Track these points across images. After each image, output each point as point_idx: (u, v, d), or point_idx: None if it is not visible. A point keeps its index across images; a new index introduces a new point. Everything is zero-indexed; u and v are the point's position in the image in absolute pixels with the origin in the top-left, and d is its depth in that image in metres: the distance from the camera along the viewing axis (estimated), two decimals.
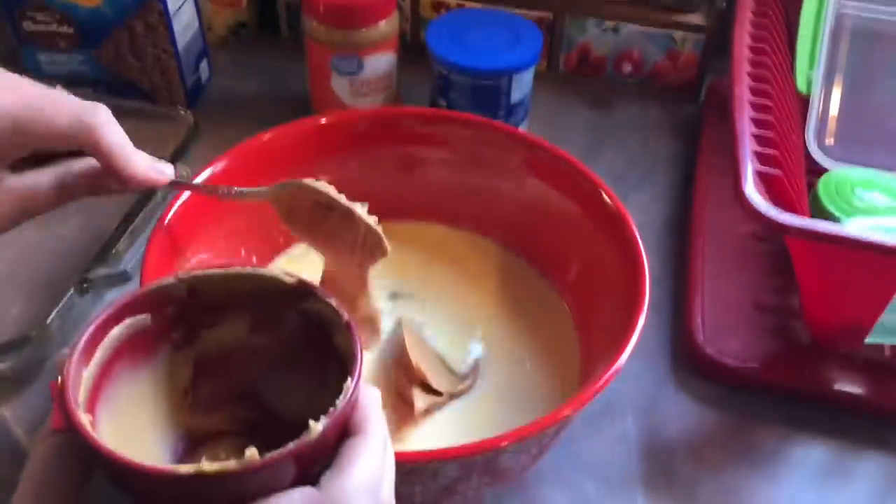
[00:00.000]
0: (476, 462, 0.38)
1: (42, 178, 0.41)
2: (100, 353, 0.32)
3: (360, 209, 0.40)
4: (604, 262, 0.48)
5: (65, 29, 0.69)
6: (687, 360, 0.57)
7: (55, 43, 0.70)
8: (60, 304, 0.54)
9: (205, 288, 0.34)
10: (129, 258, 0.57)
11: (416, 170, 0.56)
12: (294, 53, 0.74)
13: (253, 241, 0.53)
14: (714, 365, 0.55)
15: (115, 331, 0.32)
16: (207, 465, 0.27)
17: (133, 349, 0.33)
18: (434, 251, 0.56)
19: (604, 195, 0.49)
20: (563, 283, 0.53)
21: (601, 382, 0.39)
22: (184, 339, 0.35)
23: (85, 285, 0.55)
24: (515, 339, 0.51)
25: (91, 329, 0.31)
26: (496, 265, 0.56)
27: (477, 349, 0.51)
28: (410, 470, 0.37)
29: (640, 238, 0.46)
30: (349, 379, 0.30)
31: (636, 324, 0.41)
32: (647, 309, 0.42)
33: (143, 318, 0.33)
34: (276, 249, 0.55)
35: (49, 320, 0.53)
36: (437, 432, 0.46)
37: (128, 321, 0.33)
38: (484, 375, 0.49)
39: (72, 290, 0.55)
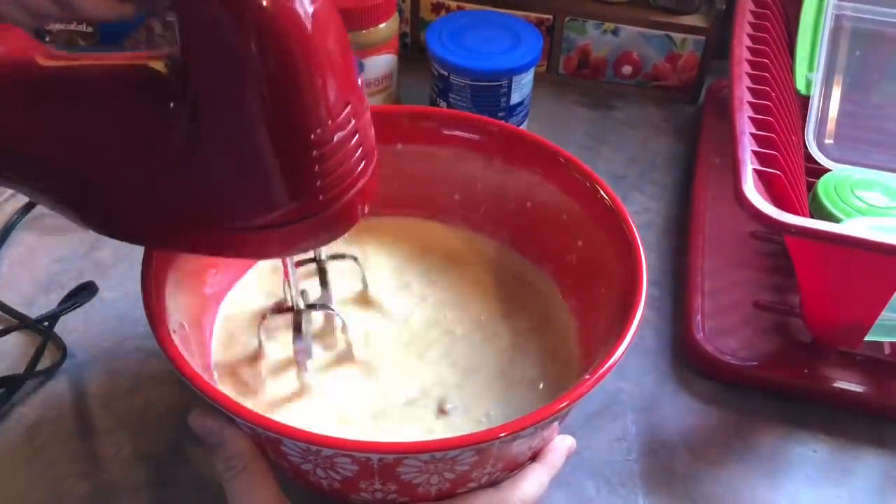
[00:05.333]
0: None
1: None
2: None
3: None
4: (603, 259, 0.48)
5: (84, 28, 0.69)
6: (686, 358, 0.57)
7: (74, 41, 0.70)
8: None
9: None
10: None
11: (415, 167, 0.56)
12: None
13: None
14: (713, 363, 0.55)
15: None
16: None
17: None
18: (431, 248, 0.56)
19: (601, 192, 0.49)
20: (563, 280, 0.53)
21: (598, 375, 0.39)
22: None
23: None
24: (516, 335, 0.51)
25: None
26: (495, 261, 0.56)
27: None
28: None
29: (640, 236, 0.46)
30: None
31: (633, 319, 0.41)
32: (644, 304, 0.42)
33: None
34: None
35: None
36: (440, 426, 0.46)
37: None
38: (485, 371, 0.49)
39: None
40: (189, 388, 0.38)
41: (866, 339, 0.52)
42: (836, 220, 0.54)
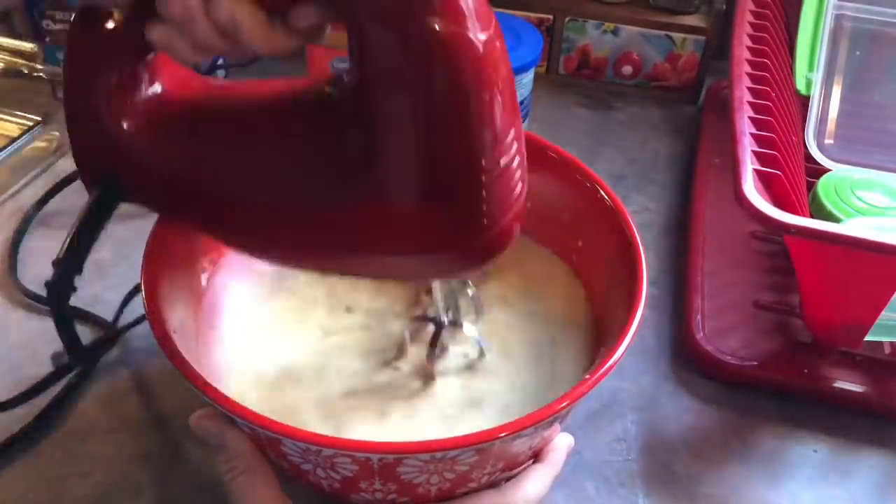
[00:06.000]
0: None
1: None
2: None
3: None
4: (605, 258, 0.48)
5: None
6: (686, 358, 0.57)
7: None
8: None
9: None
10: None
11: None
12: (295, 56, 0.74)
13: None
14: (713, 363, 0.55)
15: None
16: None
17: None
18: None
19: (601, 192, 0.49)
20: (579, 275, 0.53)
21: (598, 375, 0.39)
22: None
23: None
24: (530, 331, 0.51)
25: None
26: (519, 251, 0.55)
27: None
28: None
29: (639, 236, 0.46)
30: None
31: (633, 319, 0.41)
32: (644, 304, 0.42)
33: None
34: None
35: None
36: (445, 420, 0.46)
37: None
38: (496, 364, 0.49)
39: None
40: (189, 388, 0.38)
41: (866, 339, 0.52)
42: (836, 220, 0.54)
